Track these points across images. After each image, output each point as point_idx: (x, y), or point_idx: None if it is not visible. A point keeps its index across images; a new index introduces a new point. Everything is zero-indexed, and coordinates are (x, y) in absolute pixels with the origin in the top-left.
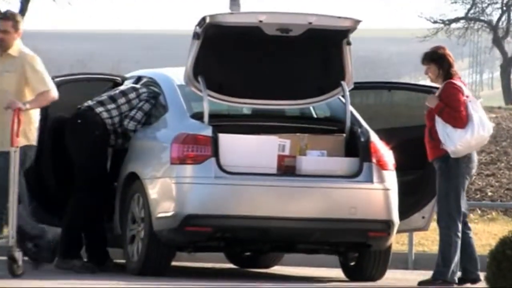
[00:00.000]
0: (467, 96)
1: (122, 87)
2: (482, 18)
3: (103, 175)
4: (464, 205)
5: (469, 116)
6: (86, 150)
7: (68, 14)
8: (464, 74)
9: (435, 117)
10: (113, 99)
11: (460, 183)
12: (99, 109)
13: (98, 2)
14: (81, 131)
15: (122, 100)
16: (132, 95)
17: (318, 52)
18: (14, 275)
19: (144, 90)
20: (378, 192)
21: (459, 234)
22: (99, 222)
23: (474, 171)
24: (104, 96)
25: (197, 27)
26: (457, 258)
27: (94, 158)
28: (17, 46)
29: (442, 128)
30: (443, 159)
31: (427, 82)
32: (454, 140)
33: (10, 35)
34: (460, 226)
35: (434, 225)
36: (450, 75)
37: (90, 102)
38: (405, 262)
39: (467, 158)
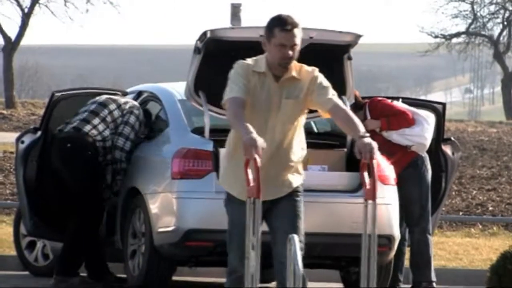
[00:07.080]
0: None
1: (98, 99)
2: (483, 33)
3: (98, 194)
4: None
5: (410, 111)
6: (81, 173)
7: (70, 29)
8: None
9: (384, 133)
10: (95, 113)
11: (429, 183)
12: (87, 128)
13: (99, 16)
14: (72, 155)
15: (105, 112)
16: (113, 106)
17: (318, 66)
18: None
19: (122, 100)
20: (379, 207)
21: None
22: (95, 238)
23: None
24: (85, 113)
25: (198, 42)
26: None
27: (88, 180)
28: None
29: (399, 136)
30: (411, 164)
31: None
32: (420, 134)
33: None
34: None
35: (435, 239)
36: (360, 103)
37: (74, 123)
38: (406, 277)
39: (425, 165)
